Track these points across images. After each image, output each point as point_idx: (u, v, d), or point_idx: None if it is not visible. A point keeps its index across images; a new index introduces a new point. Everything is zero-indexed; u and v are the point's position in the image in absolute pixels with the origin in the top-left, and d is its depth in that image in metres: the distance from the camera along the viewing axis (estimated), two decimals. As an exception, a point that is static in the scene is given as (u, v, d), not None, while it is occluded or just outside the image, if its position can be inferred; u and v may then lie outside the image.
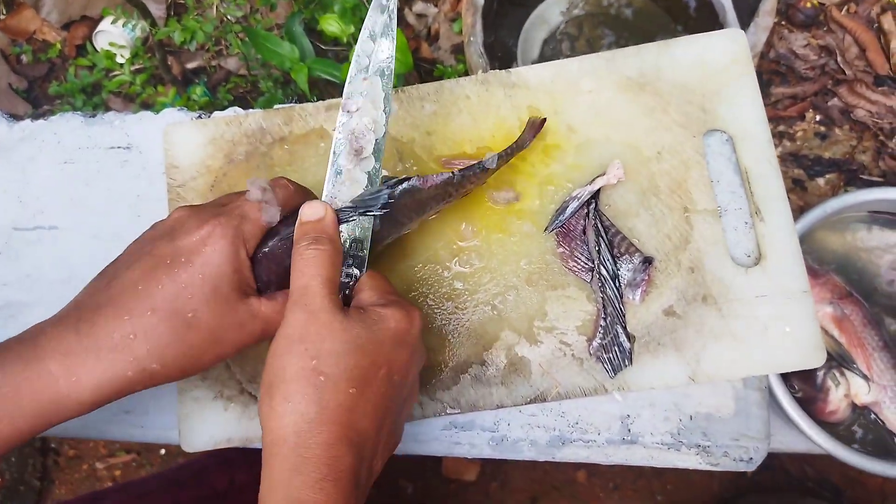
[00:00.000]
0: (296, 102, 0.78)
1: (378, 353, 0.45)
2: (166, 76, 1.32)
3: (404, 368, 0.47)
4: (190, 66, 1.47)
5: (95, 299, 0.45)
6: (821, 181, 1.35)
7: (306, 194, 0.54)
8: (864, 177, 1.35)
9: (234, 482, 0.88)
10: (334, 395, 0.42)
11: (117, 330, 0.43)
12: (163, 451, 1.64)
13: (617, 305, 0.58)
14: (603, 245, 0.59)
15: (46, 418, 0.43)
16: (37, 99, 1.63)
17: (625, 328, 0.58)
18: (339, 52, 1.37)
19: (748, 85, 0.62)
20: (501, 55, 1.31)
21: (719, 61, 0.63)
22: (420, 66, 1.43)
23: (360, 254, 0.52)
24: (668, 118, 0.62)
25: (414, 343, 0.48)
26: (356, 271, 0.51)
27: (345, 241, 0.51)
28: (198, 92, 1.30)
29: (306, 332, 0.44)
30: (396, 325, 0.46)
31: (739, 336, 0.58)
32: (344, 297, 0.50)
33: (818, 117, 1.41)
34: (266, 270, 0.50)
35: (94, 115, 0.73)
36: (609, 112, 0.63)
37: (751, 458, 0.58)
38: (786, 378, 0.81)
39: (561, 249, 0.61)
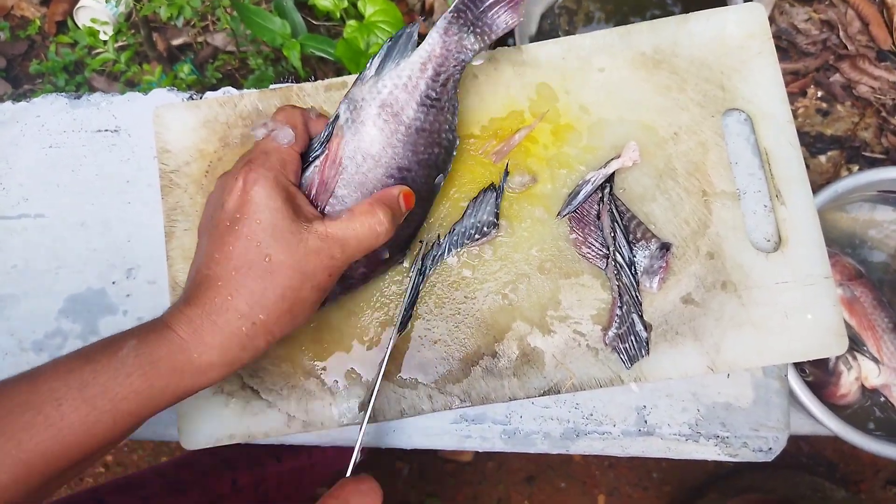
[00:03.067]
0: (291, 81, 0.74)
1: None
2: (151, 53, 1.27)
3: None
4: (175, 42, 1.42)
5: (192, 279, 0.48)
6: (822, 158, 1.33)
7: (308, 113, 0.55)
8: (867, 154, 1.33)
9: (237, 484, 0.86)
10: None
11: (217, 295, 0.46)
12: (155, 437, 1.62)
13: (633, 293, 0.56)
14: (618, 231, 0.57)
15: (184, 385, 0.45)
16: (17, 78, 1.57)
17: (641, 317, 0.56)
18: (331, 27, 1.33)
19: (768, 62, 0.60)
20: (498, 30, 1.27)
21: (737, 36, 0.60)
22: (414, 42, 1.38)
23: None
24: (686, 97, 0.59)
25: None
26: None
27: None
28: (185, 70, 1.25)
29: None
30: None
31: (760, 324, 0.56)
32: None
33: (819, 93, 1.38)
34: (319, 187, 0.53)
35: (79, 97, 0.69)
36: (623, 91, 0.60)
37: (770, 449, 0.56)
38: (797, 362, 0.79)
39: (574, 235, 0.58)
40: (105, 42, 1.34)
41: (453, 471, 1.60)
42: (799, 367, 0.79)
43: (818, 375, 0.78)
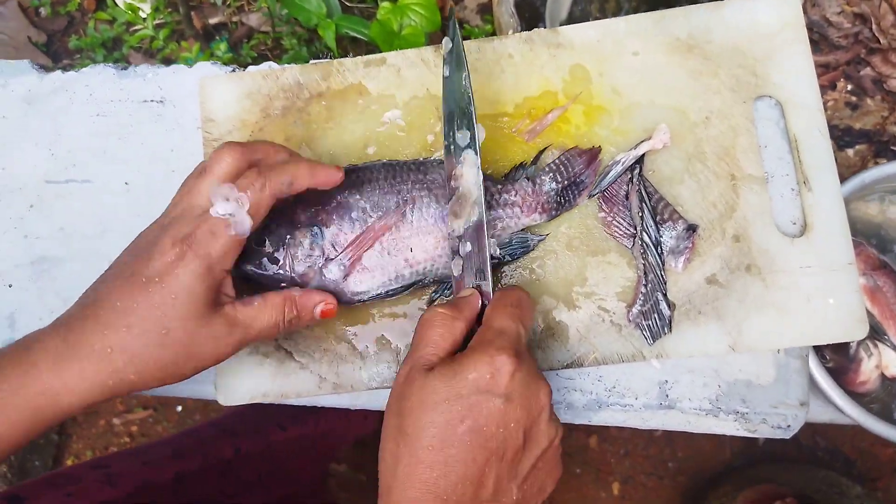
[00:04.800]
0: (330, 57, 0.76)
1: (456, 407, 0.44)
2: (189, 31, 1.30)
3: (499, 419, 0.44)
4: (212, 21, 1.44)
5: (83, 311, 0.48)
6: (850, 152, 1.33)
7: (286, 172, 0.51)
8: (895, 148, 1.33)
9: (240, 451, 0.88)
10: (412, 452, 0.44)
11: (97, 342, 0.46)
12: (179, 408, 1.66)
13: (658, 272, 0.57)
14: (646, 211, 0.58)
15: (41, 420, 0.46)
16: (56, 53, 1.61)
17: (665, 295, 0.57)
18: (364, 9, 1.34)
19: (801, 50, 0.61)
20: (529, 16, 1.28)
21: (771, 25, 0.61)
22: (447, 26, 1.40)
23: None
24: (718, 82, 0.60)
25: (505, 391, 0.45)
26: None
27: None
28: (221, 48, 1.27)
29: (401, 390, 0.47)
30: (476, 376, 0.45)
31: (782, 307, 0.57)
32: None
33: (849, 87, 1.37)
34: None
35: (125, 68, 0.71)
36: (656, 75, 0.61)
37: (789, 426, 0.57)
38: (817, 348, 0.80)
39: (602, 214, 0.60)
40: (144, 19, 1.37)
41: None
42: (819, 353, 0.80)
43: (838, 361, 0.79)
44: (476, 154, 0.54)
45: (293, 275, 0.55)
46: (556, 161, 0.59)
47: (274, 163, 0.52)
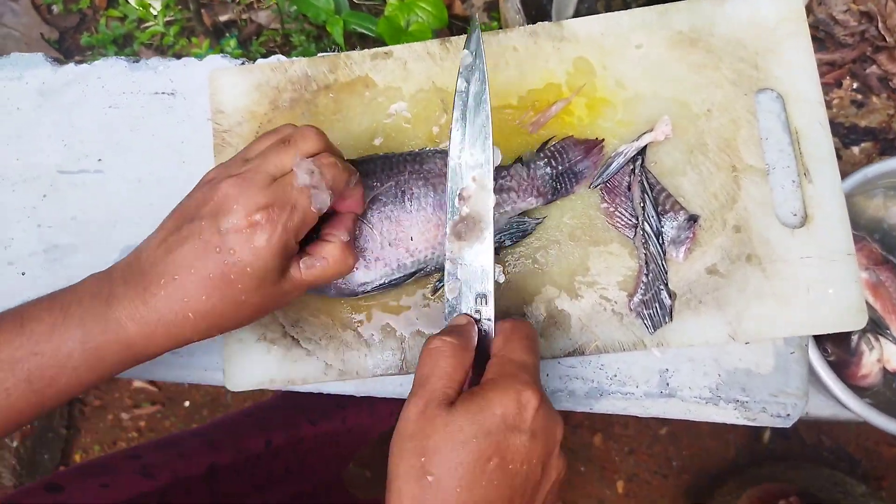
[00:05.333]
0: (337, 51, 0.77)
1: (484, 445, 0.43)
2: (199, 28, 1.32)
3: (524, 455, 0.44)
4: (222, 18, 1.46)
5: (157, 269, 0.47)
6: (855, 150, 1.33)
7: (350, 170, 0.52)
8: (901, 147, 1.33)
9: (271, 444, 0.89)
10: (439, 494, 0.42)
11: (178, 308, 0.47)
12: (187, 403, 1.68)
13: (659, 262, 0.58)
14: (648, 201, 0.59)
15: (122, 368, 0.49)
16: (68, 50, 1.63)
17: (666, 285, 0.58)
18: (372, 6, 1.36)
19: (802, 44, 0.61)
20: (535, 13, 1.29)
21: (773, 18, 0.62)
22: (453, 23, 1.41)
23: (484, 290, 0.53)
24: (720, 75, 0.61)
25: (531, 427, 0.44)
26: (483, 308, 0.52)
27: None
28: (231, 44, 1.29)
29: (417, 427, 0.44)
30: (504, 412, 0.44)
31: (782, 296, 0.58)
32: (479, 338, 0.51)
33: (855, 85, 1.38)
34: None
35: (137, 61, 0.73)
36: (659, 68, 0.62)
37: (788, 415, 0.58)
38: (819, 341, 0.81)
39: (605, 205, 0.61)
40: (155, 16, 1.39)
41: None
42: (821, 346, 0.80)
43: (840, 355, 0.80)
44: (489, 177, 0.53)
45: None
46: (552, 147, 0.60)
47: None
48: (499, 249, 0.60)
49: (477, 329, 0.51)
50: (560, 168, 0.60)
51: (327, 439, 1.02)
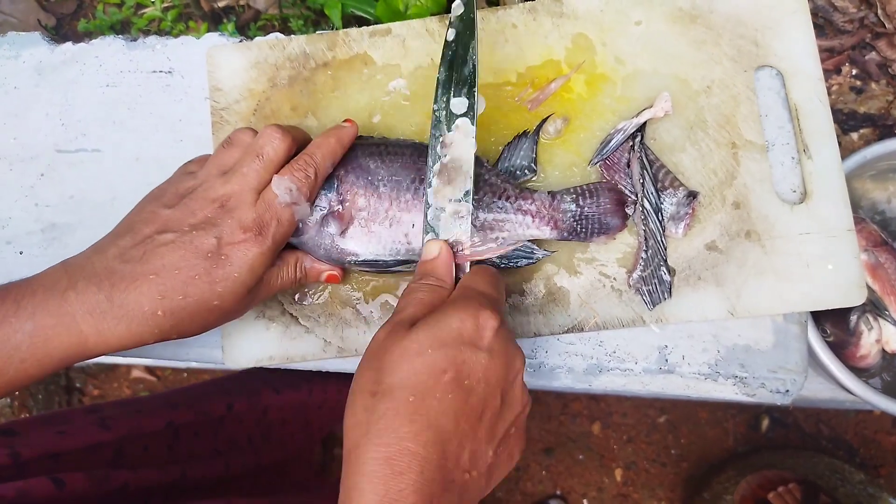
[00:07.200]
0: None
1: (439, 356, 0.43)
2: (197, 13, 1.31)
3: (481, 373, 0.43)
4: (220, 4, 1.45)
5: (130, 267, 0.48)
6: (854, 136, 1.33)
7: (335, 156, 0.56)
8: (900, 133, 1.33)
9: (232, 408, 0.88)
10: (391, 403, 0.41)
11: (149, 305, 0.47)
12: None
13: (659, 238, 0.58)
14: (647, 178, 0.59)
15: (70, 363, 0.48)
16: (65, 36, 1.61)
17: (665, 261, 0.58)
18: (370, -8, 1.35)
19: (802, 21, 0.61)
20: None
21: (773, -5, 0.61)
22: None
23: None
24: (720, 51, 0.61)
25: (488, 345, 0.44)
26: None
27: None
28: (229, 29, 1.28)
29: (378, 347, 0.45)
30: (460, 326, 0.44)
31: (781, 272, 0.58)
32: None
33: (854, 71, 1.37)
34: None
35: (135, 39, 0.72)
36: (658, 44, 0.62)
37: (787, 391, 0.58)
38: (818, 321, 0.81)
39: (604, 182, 0.60)
40: (153, 2, 1.38)
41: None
42: (820, 326, 0.80)
43: (839, 336, 0.80)
44: (473, 124, 0.53)
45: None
46: (584, 186, 0.59)
47: (309, 142, 0.55)
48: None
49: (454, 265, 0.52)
50: (586, 209, 0.58)
51: (292, 411, 1.01)
